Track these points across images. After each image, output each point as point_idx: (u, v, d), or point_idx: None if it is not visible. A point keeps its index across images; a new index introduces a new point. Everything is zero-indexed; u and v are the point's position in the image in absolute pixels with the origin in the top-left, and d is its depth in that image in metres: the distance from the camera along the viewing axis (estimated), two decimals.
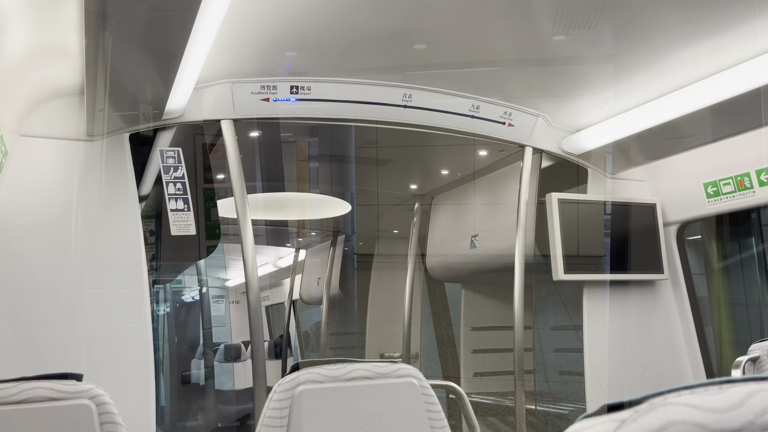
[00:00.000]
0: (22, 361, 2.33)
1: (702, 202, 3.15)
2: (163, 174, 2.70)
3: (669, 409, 0.52)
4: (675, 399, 0.53)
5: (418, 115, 2.98)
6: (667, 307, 3.40)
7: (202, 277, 4.77)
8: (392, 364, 1.60)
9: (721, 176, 3.05)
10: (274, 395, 1.50)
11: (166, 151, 2.72)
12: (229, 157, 2.79)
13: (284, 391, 1.50)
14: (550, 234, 3.16)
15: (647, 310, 3.36)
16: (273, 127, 2.98)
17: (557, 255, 3.13)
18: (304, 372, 1.52)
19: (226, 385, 7.93)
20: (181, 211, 2.68)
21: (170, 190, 2.70)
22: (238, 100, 2.76)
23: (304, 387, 1.50)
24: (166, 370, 5.74)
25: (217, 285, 9.35)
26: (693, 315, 3.34)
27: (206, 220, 3.03)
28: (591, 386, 3.16)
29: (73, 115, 2.57)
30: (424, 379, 1.61)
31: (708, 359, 3.31)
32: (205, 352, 5.17)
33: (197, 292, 6.15)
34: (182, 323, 6.70)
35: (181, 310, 6.59)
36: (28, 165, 2.48)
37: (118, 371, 2.43)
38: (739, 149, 2.96)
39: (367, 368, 1.56)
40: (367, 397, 1.54)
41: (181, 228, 2.66)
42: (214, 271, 8.23)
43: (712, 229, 3.46)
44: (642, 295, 3.36)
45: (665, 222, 3.37)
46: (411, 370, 1.61)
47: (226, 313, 9.46)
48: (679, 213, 3.33)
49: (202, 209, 2.89)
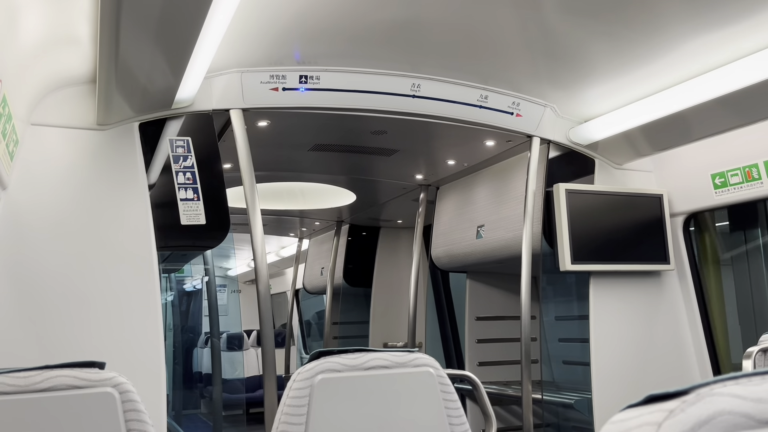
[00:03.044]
0: (31, 349, 2.34)
1: (709, 193, 3.16)
2: (172, 163, 2.70)
3: (716, 400, 0.53)
4: (721, 389, 0.54)
5: (426, 105, 2.98)
6: (673, 298, 3.41)
7: (207, 266, 4.77)
8: (409, 354, 1.61)
9: (729, 167, 3.06)
10: (294, 384, 1.52)
11: (175, 140, 2.72)
12: (239, 147, 2.79)
13: (303, 380, 1.51)
14: (557, 224, 3.17)
15: (653, 300, 3.38)
16: (281, 117, 2.98)
17: (564, 245, 3.14)
18: (323, 361, 1.53)
19: (230, 373, 7.96)
20: (190, 200, 2.69)
21: (180, 179, 2.70)
22: (247, 89, 2.75)
23: (323, 376, 1.51)
24: (170, 359, 5.77)
25: (220, 274, 9.38)
26: (699, 306, 3.35)
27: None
28: (597, 376, 3.17)
29: (83, 104, 2.56)
30: (441, 368, 1.63)
31: (713, 350, 3.32)
32: (211, 341, 5.19)
33: (201, 281, 6.17)
34: (187, 312, 6.73)
35: (187, 300, 6.61)
36: (38, 154, 2.48)
37: (128, 360, 2.44)
38: (747, 140, 2.96)
39: (385, 357, 1.58)
40: (384, 386, 1.55)
41: (191, 217, 2.67)
42: (219, 260, 8.25)
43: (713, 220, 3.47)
44: (648, 286, 3.38)
45: (672, 213, 3.37)
46: (428, 360, 1.62)
47: (228, 303, 9.48)
48: (685, 204, 3.34)
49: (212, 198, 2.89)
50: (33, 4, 1.92)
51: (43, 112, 2.51)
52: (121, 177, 2.59)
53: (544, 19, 2.45)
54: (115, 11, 1.73)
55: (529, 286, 3.22)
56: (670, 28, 2.42)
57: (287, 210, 5.59)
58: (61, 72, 2.47)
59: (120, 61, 2.08)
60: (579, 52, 2.68)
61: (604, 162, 3.43)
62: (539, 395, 3.37)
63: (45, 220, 2.46)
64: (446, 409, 1.59)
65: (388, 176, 4.30)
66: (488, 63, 2.86)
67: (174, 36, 1.97)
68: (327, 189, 4.82)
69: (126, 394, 1.42)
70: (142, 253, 2.54)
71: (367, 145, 3.56)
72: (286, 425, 1.48)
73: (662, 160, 3.42)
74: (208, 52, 2.22)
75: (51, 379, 1.38)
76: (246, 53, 2.64)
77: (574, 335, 3.99)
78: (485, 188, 3.87)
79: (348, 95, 2.87)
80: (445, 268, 4.41)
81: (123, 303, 2.49)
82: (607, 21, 2.42)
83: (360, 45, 2.67)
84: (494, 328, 4.38)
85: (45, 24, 2.08)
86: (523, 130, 3.23)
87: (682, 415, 0.52)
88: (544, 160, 3.31)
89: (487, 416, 1.74)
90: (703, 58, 2.59)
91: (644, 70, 2.75)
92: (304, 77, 2.79)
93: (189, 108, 2.71)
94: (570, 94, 3.11)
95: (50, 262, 2.43)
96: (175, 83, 2.39)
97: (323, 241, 6.41)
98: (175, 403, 5.93)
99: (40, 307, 2.39)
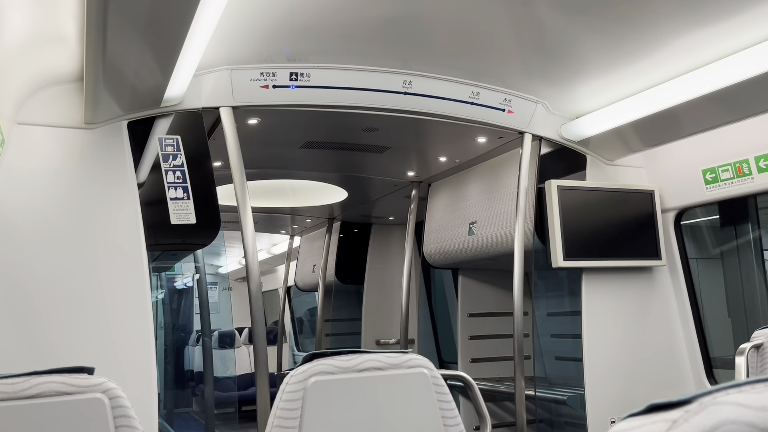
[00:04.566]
0: (20, 353, 2.31)
1: (700, 189, 3.17)
2: (162, 162, 2.68)
3: (720, 409, 0.52)
4: (724, 398, 0.53)
5: (418, 101, 2.97)
6: (664, 293, 3.42)
7: (198, 264, 4.74)
8: (403, 355, 1.60)
9: (720, 163, 3.07)
10: (287, 387, 1.50)
11: (165, 138, 2.70)
12: (229, 145, 2.77)
13: (296, 383, 1.49)
14: (549, 221, 3.17)
15: (645, 296, 3.39)
16: (271, 114, 2.95)
17: (556, 242, 3.14)
18: (316, 363, 1.52)
19: (222, 371, 7.94)
20: (180, 199, 2.66)
21: (169, 178, 2.67)
22: (237, 87, 2.73)
23: (316, 378, 1.49)
24: (161, 357, 5.74)
25: (210, 272, 9.34)
26: (690, 301, 3.36)
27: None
28: (590, 372, 3.18)
29: (70, 103, 2.53)
30: (435, 369, 1.61)
31: (705, 345, 3.34)
32: (203, 339, 5.17)
33: (192, 279, 6.14)
34: (178, 310, 6.69)
35: (178, 298, 6.57)
36: (25, 153, 2.45)
37: (119, 360, 2.42)
38: (738, 135, 2.97)
39: (379, 359, 1.56)
40: (378, 387, 1.54)
41: (180, 217, 2.64)
42: (210, 258, 8.21)
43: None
44: (640, 282, 3.38)
45: (663, 208, 3.38)
46: (422, 361, 1.61)
47: (219, 300, 9.45)
48: (677, 199, 3.34)
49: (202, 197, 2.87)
50: (18, 1, 1.88)
51: (29, 110, 2.47)
52: (110, 176, 2.56)
53: (535, 15, 2.44)
54: (102, 9, 1.71)
55: (521, 282, 3.22)
56: (662, 25, 2.42)
57: (278, 207, 5.57)
58: (48, 70, 2.43)
59: (107, 60, 2.05)
60: (571, 49, 2.68)
61: (596, 158, 3.43)
62: (532, 391, 3.37)
63: (32, 220, 2.42)
64: (441, 410, 1.58)
65: (380, 173, 4.28)
66: (480, 59, 2.85)
67: (162, 34, 1.94)
68: (318, 186, 4.80)
69: (116, 399, 1.40)
70: (131, 253, 2.51)
71: (359, 142, 3.54)
72: (280, 429, 1.47)
73: (654, 156, 3.43)
74: (198, 49, 2.20)
75: (39, 385, 1.36)
76: (236, 50, 2.62)
77: (566, 331, 4.00)
78: (477, 185, 3.86)
79: (339, 92, 2.85)
80: (437, 265, 4.40)
81: (113, 303, 2.46)
82: (599, 17, 2.41)
83: (351, 42, 2.65)
84: (486, 324, 4.38)
85: (30, 22, 2.04)
86: (515, 126, 3.22)
87: (685, 425, 0.51)
88: (536, 157, 3.30)
89: (482, 416, 1.73)
90: (695, 54, 2.59)
91: (636, 66, 2.75)
92: (294, 74, 2.77)
93: (178, 106, 2.68)
94: (561, 91, 3.10)
95: (38, 263, 2.40)
96: (163, 81, 2.37)
97: (315, 238, 6.40)
98: (167, 402, 5.90)
99: (29, 308, 2.36)
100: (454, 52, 2.78)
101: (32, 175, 2.45)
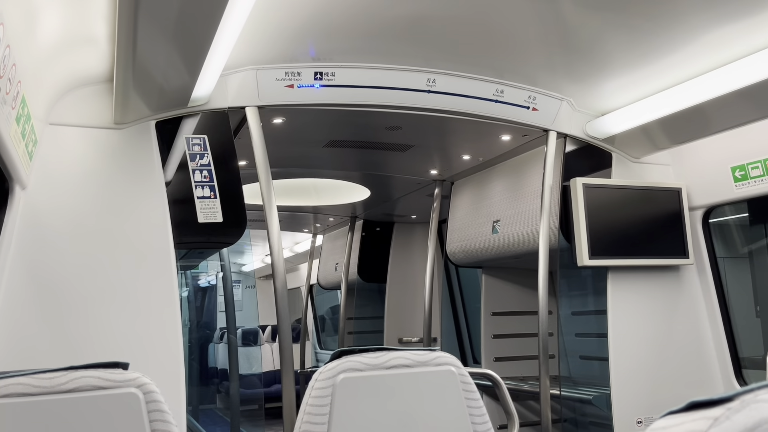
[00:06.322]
0: (52, 348, 2.36)
1: (729, 186, 3.12)
2: (189, 161, 2.71)
3: (761, 407, 0.51)
4: (766, 396, 0.52)
5: (441, 100, 2.97)
6: (692, 293, 3.38)
7: (223, 262, 4.79)
8: (431, 352, 1.60)
9: (749, 160, 3.02)
10: (316, 383, 1.52)
11: (192, 138, 2.73)
12: (254, 144, 2.79)
13: (325, 380, 1.51)
14: (574, 219, 3.15)
15: (672, 295, 3.35)
16: (296, 113, 2.97)
17: (582, 240, 3.11)
18: (345, 360, 1.53)
19: (246, 369, 8.01)
20: (207, 198, 2.69)
21: (197, 177, 2.70)
22: (262, 86, 2.75)
23: (345, 375, 1.51)
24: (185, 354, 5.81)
25: (234, 270, 9.42)
26: (719, 300, 3.32)
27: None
28: (616, 371, 3.15)
29: (100, 103, 2.57)
30: (463, 366, 1.62)
31: (734, 345, 3.29)
32: (228, 336, 5.22)
33: (216, 277, 6.20)
34: (202, 308, 6.77)
35: (202, 295, 6.64)
36: (57, 153, 2.50)
37: (148, 357, 2.45)
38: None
39: (407, 356, 1.57)
40: (406, 385, 1.55)
41: (208, 216, 2.67)
42: (234, 256, 8.28)
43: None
44: (667, 280, 3.34)
45: (691, 206, 3.34)
46: (449, 358, 1.61)
47: (243, 298, 9.53)
48: (705, 197, 3.30)
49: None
50: (51, 4, 1.92)
51: (61, 111, 2.52)
52: (139, 175, 2.60)
53: (559, 11, 2.42)
54: (133, 11, 1.73)
55: (546, 281, 3.20)
56: (688, 20, 2.38)
57: (301, 206, 5.60)
58: (79, 71, 2.48)
59: (137, 61, 2.08)
60: (596, 45, 2.66)
61: (622, 156, 3.40)
62: (557, 390, 3.36)
63: (64, 219, 2.47)
64: (468, 408, 1.58)
65: (403, 172, 4.29)
66: (504, 57, 2.83)
67: (190, 35, 1.97)
68: (341, 185, 4.82)
69: (150, 394, 1.43)
70: (160, 251, 2.55)
71: (382, 140, 3.55)
72: (309, 425, 1.48)
73: (680, 153, 3.39)
74: (224, 50, 2.22)
75: (76, 380, 1.39)
76: (261, 51, 2.64)
77: (591, 330, 3.96)
78: (501, 183, 3.85)
79: (363, 91, 2.86)
80: (460, 263, 4.40)
81: (142, 301, 2.50)
82: (624, 12, 2.39)
83: (375, 41, 2.66)
84: (510, 323, 4.36)
85: (63, 24, 2.08)
86: (540, 124, 3.20)
87: (727, 423, 0.51)
88: (561, 155, 3.28)
89: (510, 415, 1.73)
90: (722, 49, 2.55)
91: (662, 62, 2.72)
92: (319, 74, 2.79)
93: (205, 106, 2.71)
94: (587, 88, 3.08)
95: (70, 260, 2.45)
96: (191, 82, 2.40)
97: (337, 236, 6.42)
98: (192, 399, 5.97)
99: (60, 305, 2.41)
100: (478, 50, 2.77)
101: (63, 174, 2.50)
